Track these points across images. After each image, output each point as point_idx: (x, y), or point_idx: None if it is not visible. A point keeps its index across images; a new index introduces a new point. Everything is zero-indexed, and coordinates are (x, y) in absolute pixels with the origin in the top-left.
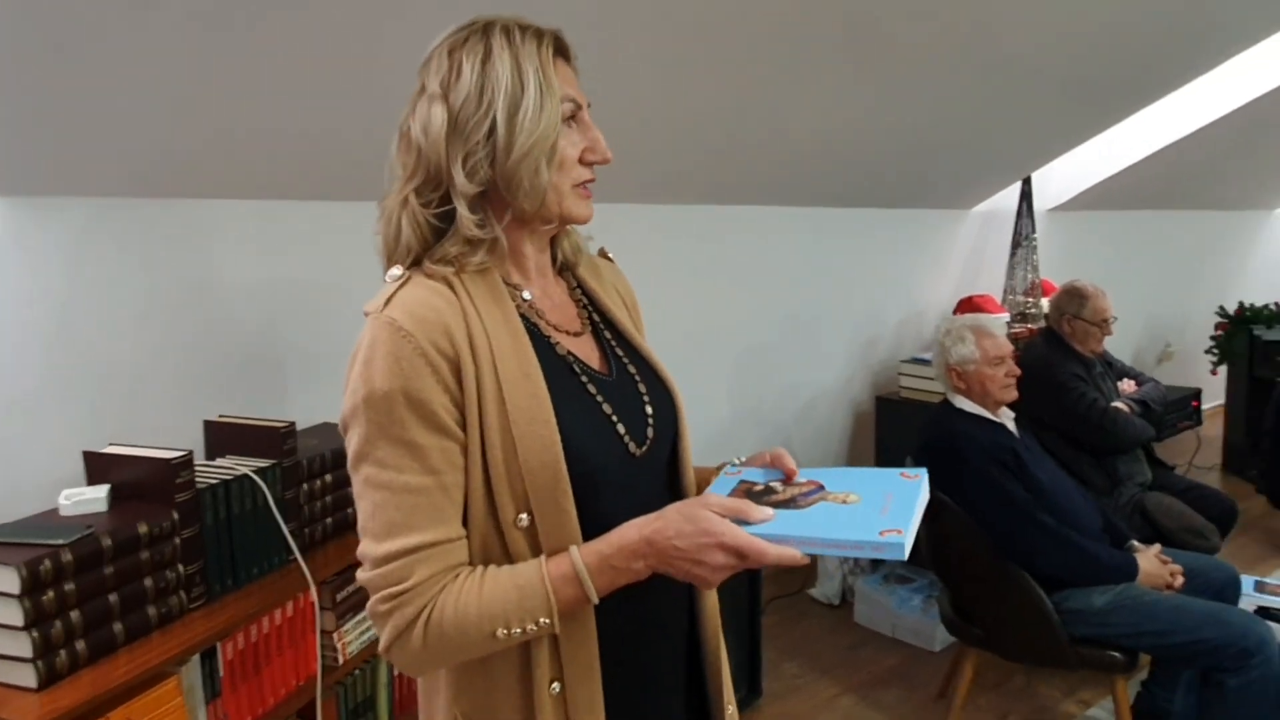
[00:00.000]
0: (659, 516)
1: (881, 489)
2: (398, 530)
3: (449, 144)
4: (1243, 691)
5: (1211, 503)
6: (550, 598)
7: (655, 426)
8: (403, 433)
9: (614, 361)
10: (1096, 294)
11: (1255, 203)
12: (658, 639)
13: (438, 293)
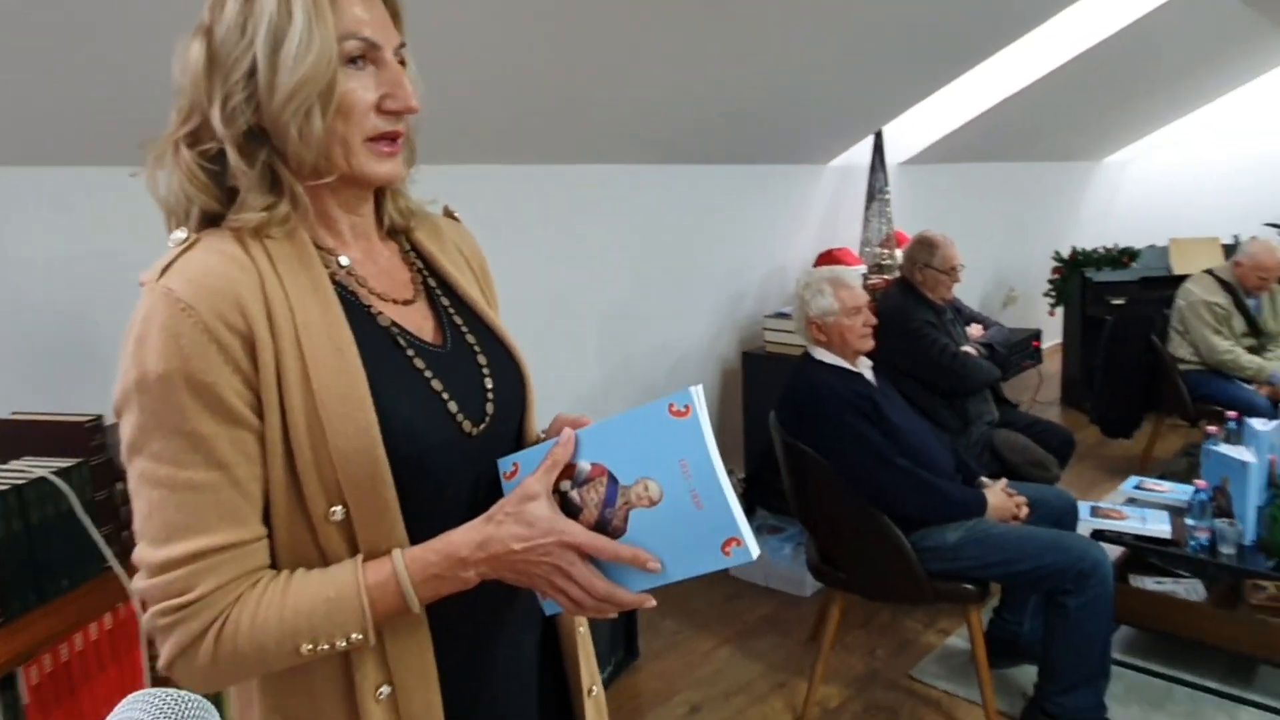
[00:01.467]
0: (490, 520)
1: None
2: (179, 533)
3: (208, 83)
4: (1082, 611)
5: (1051, 436)
6: (365, 611)
7: (496, 402)
8: (182, 422)
9: (450, 331)
10: (945, 243)
11: (1084, 154)
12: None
13: (230, 258)
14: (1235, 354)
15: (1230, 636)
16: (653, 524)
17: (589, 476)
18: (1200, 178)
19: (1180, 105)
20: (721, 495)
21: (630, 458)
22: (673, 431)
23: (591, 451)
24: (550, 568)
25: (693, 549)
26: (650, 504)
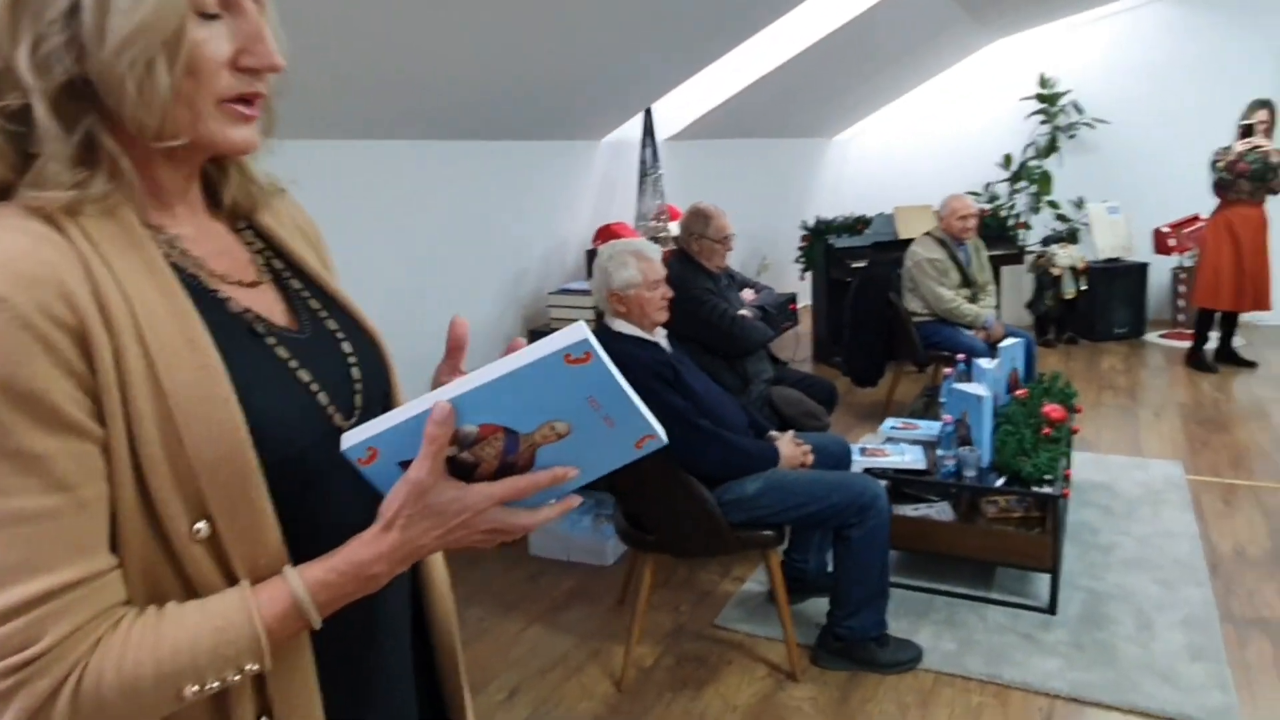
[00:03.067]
0: (390, 526)
1: (571, 396)
2: (15, 575)
3: (11, 19)
4: (864, 540)
5: (819, 388)
6: (261, 639)
7: (365, 392)
8: (6, 440)
9: (306, 316)
10: (718, 214)
11: (820, 131)
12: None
13: (42, 238)
14: (958, 303)
15: (974, 547)
16: (563, 451)
17: (478, 437)
18: (914, 152)
19: (897, 88)
20: (635, 411)
21: (527, 409)
22: (574, 377)
23: (475, 414)
24: (474, 535)
25: (606, 456)
26: (558, 438)
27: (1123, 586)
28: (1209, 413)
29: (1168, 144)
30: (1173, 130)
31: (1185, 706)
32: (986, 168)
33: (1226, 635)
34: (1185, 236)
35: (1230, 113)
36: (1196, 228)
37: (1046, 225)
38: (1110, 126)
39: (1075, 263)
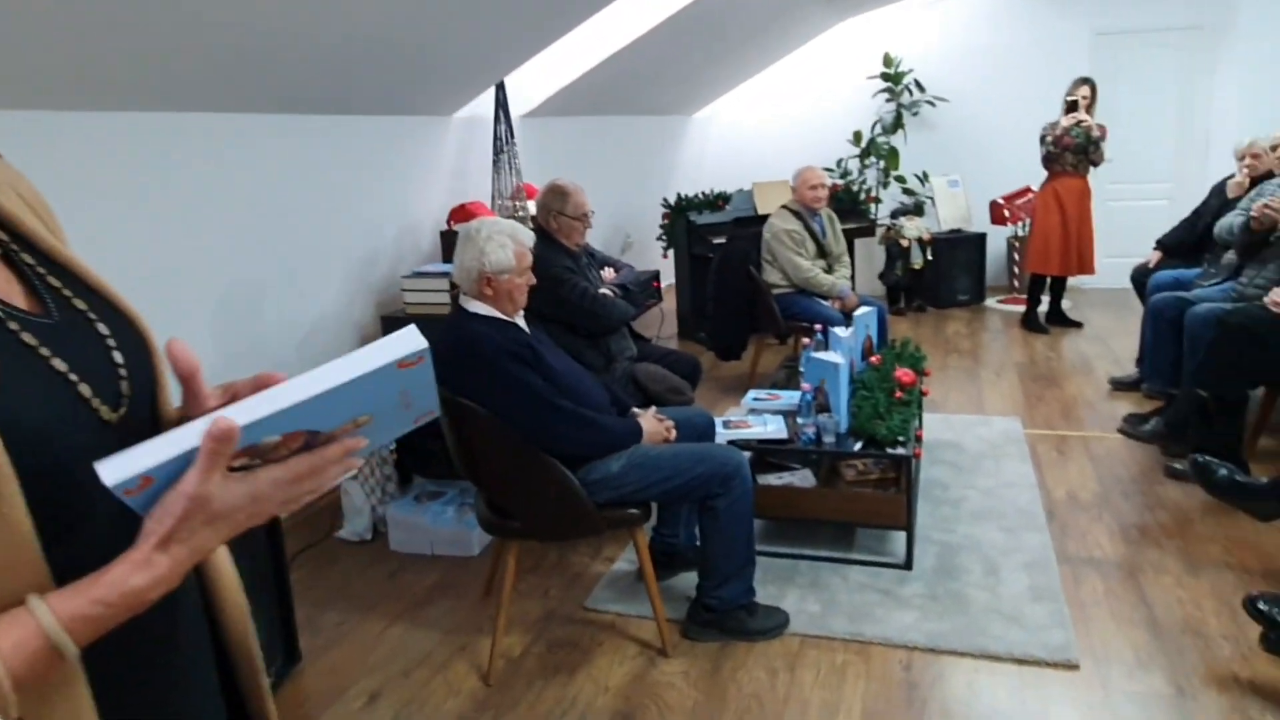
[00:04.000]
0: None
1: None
2: None
3: None
4: (730, 509)
5: (682, 364)
6: (4, 685)
7: (131, 378)
8: None
9: (49, 296)
10: (576, 191)
11: (678, 109)
12: (183, 640)
13: None
14: (815, 273)
15: (834, 510)
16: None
17: (276, 444)
18: (772, 129)
19: (751, 66)
20: (434, 394)
21: (339, 411)
22: (399, 378)
23: (282, 426)
24: (266, 516)
25: (392, 430)
26: (357, 427)
27: (971, 537)
28: (1042, 370)
29: (1000, 120)
30: (1005, 107)
31: (1030, 646)
32: (839, 144)
33: (1064, 575)
34: (1018, 207)
35: (1055, 91)
36: (1028, 199)
37: (895, 199)
38: (949, 104)
39: (921, 234)
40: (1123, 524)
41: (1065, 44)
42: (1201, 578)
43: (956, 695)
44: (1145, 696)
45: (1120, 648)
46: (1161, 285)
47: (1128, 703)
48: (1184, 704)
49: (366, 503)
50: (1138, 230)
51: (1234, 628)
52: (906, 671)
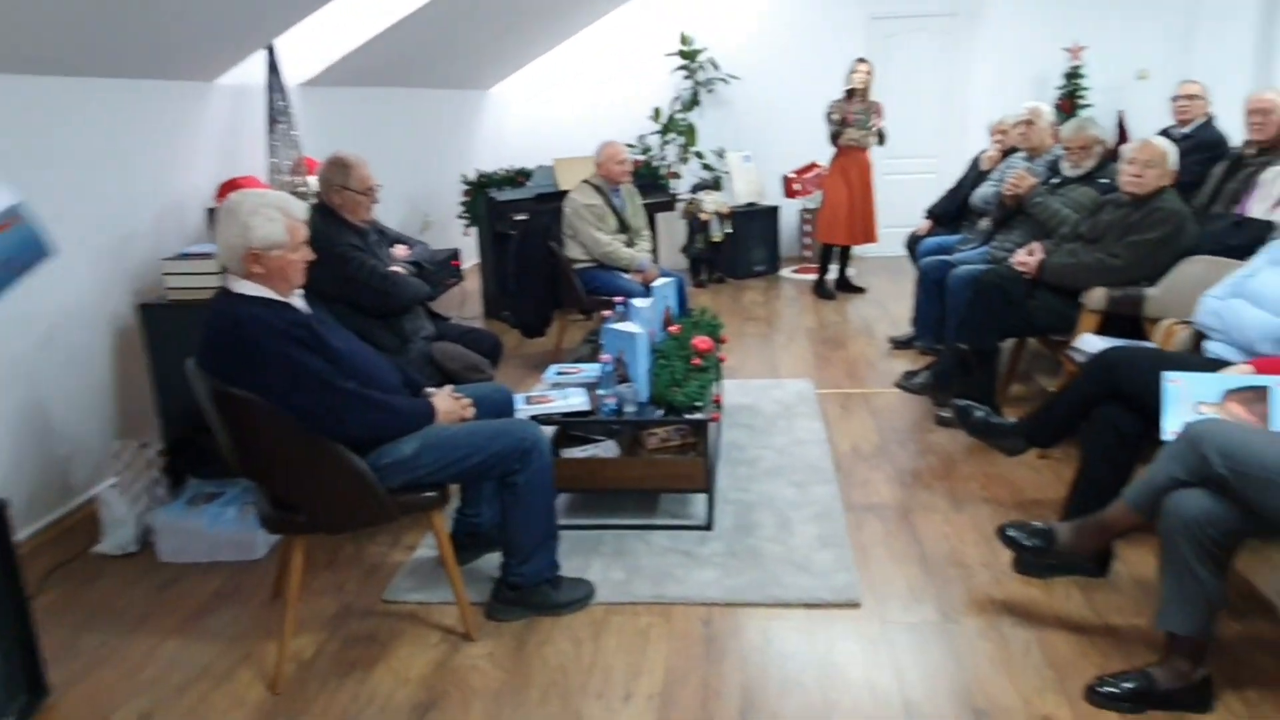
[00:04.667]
0: None
1: None
2: None
3: None
4: (530, 484)
5: (482, 341)
6: None
7: None
8: None
9: None
10: (359, 163)
11: (475, 82)
12: None
13: None
14: (615, 246)
15: (637, 478)
16: None
17: None
18: (572, 105)
19: (547, 40)
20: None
21: None
22: None
23: None
24: None
25: None
26: None
27: (766, 494)
28: (830, 334)
29: (788, 98)
30: (791, 86)
31: (818, 590)
32: (639, 120)
33: (848, 522)
34: (807, 181)
35: (835, 70)
36: (815, 173)
37: (695, 174)
38: (742, 82)
39: (720, 208)
40: (899, 470)
41: (843, 26)
42: (964, 513)
43: (752, 644)
44: (917, 625)
45: (896, 583)
46: (929, 251)
47: (902, 633)
48: (949, 628)
49: (130, 512)
50: (910, 201)
51: (991, 555)
52: (706, 627)
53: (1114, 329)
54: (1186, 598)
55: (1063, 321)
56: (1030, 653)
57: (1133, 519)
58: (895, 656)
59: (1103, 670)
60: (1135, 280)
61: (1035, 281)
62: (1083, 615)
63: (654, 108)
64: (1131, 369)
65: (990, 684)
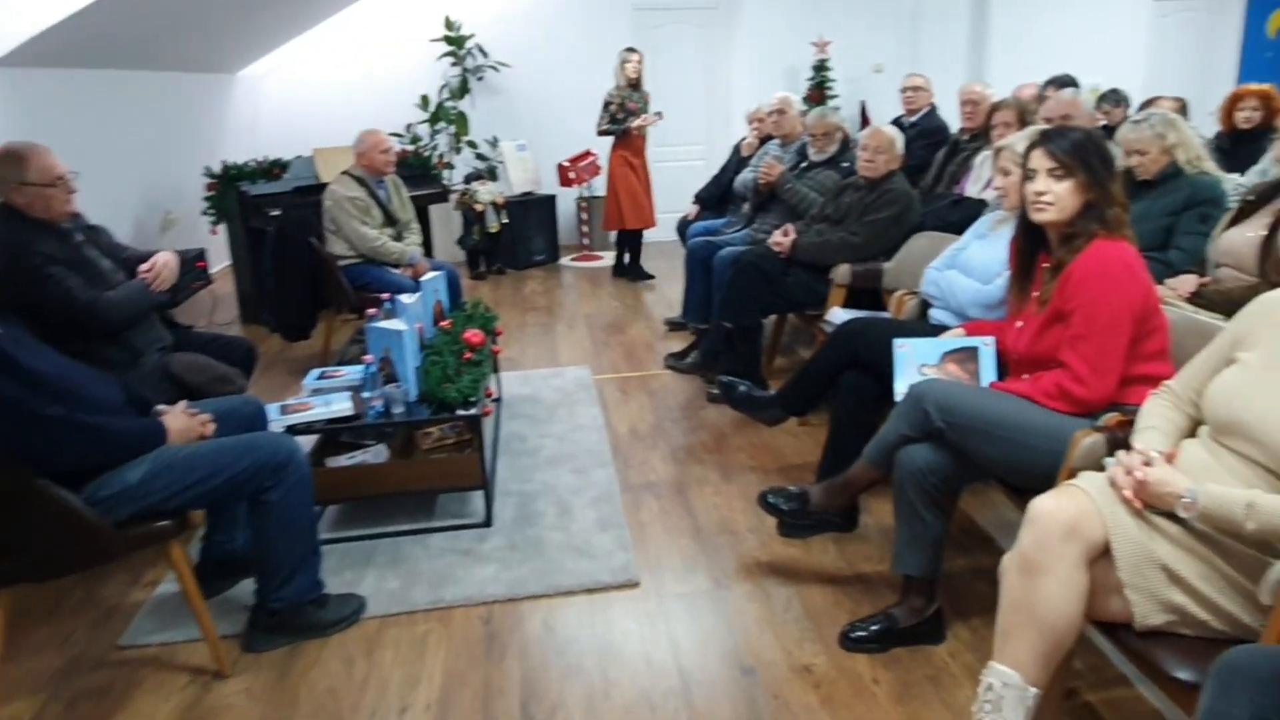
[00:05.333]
0: None
1: None
2: None
3: None
4: (284, 502)
5: (233, 349)
6: None
7: None
8: None
9: None
10: (36, 152)
11: (219, 66)
12: None
13: None
14: (382, 241)
15: (412, 480)
16: None
17: None
18: (333, 92)
19: (297, 22)
20: None
21: None
22: None
23: None
24: None
25: None
26: None
27: (547, 483)
28: (608, 319)
29: (559, 86)
30: (562, 74)
31: (597, 573)
32: (406, 109)
33: (625, 503)
34: (582, 169)
35: (604, 59)
36: (589, 161)
37: (468, 164)
38: (512, 70)
39: (495, 198)
40: (673, 448)
41: (609, 17)
42: (733, 483)
43: (534, 636)
44: (691, 595)
45: (671, 557)
46: (697, 234)
47: (677, 604)
48: (720, 594)
49: None
50: (681, 187)
51: (758, 521)
52: (487, 625)
53: (860, 302)
54: (917, 542)
55: (815, 296)
56: (791, 608)
57: (872, 475)
58: (671, 628)
59: (854, 616)
60: (874, 256)
61: (789, 260)
62: (837, 567)
63: (421, 95)
64: (867, 338)
65: (756, 642)
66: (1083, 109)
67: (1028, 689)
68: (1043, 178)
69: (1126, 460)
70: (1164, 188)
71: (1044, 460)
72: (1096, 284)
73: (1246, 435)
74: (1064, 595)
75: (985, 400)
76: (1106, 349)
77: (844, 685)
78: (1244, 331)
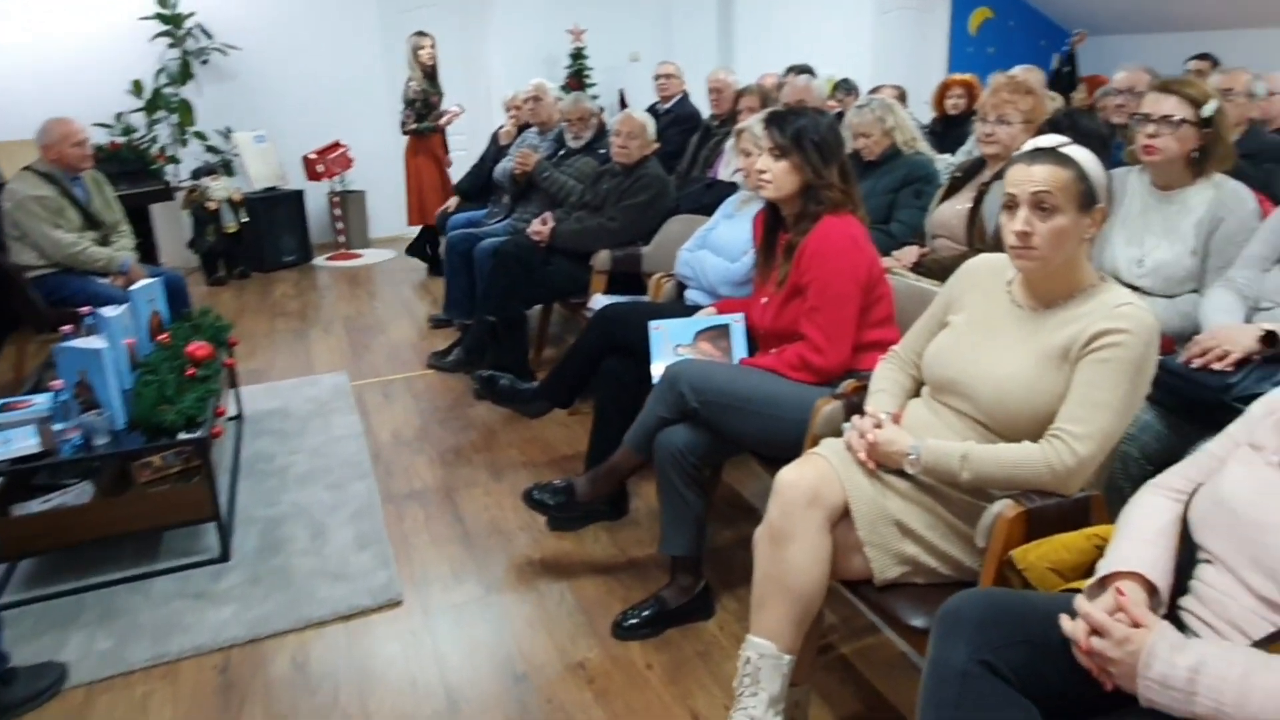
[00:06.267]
0: None
1: None
2: None
3: None
4: None
5: None
6: None
7: None
8: None
9: None
10: None
11: None
12: None
13: None
14: (83, 246)
15: (128, 520)
16: None
17: None
18: (16, 76)
19: None
20: None
21: None
22: None
23: None
24: None
25: None
26: None
27: (298, 504)
28: (369, 320)
29: (304, 73)
30: (305, 60)
31: (355, 597)
32: (116, 95)
33: (388, 515)
34: (331, 162)
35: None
36: (339, 153)
37: (197, 158)
38: (245, 54)
39: (230, 195)
40: (441, 451)
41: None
42: (504, 481)
43: (280, 678)
44: (460, 606)
45: (439, 568)
46: (458, 226)
47: (445, 617)
48: (491, 600)
49: None
50: None
51: (529, 519)
52: (223, 674)
53: (623, 287)
54: (681, 522)
55: (577, 284)
56: (564, 604)
57: (634, 460)
58: (438, 645)
59: (627, 603)
60: (633, 241)
61: (550, 249)
62: (610, 556)
63: (133, 80)
64: (625, 322)
65: (529, 645)
66: (815, 94)
67: (783, 656)
68: (765, 156)
69: (859, 424)
70: (885, 167)
71: (792, 430)
72: (826, 258)
73: (958, 391)
74: (810, 560)
75: (735, 377)
76: (839, 318)
77: (618, 675)
78: (952, 296)
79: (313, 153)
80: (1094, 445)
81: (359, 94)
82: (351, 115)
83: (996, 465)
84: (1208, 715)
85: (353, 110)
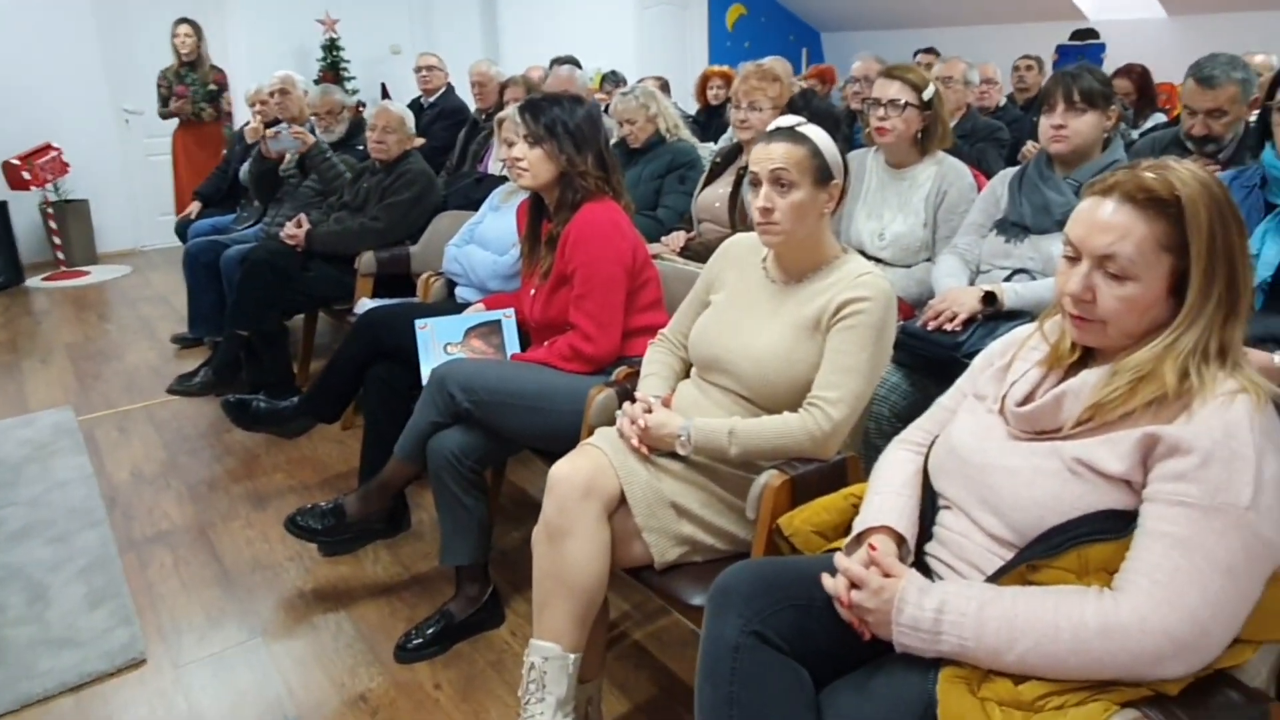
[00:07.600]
0: None
1: None
2: None
3: None
4: None
5: None
6: None
7: None
8: None
9: None
10: None
11: None
12: None
13: None
14: None
15: None
16: None
17: None
18: None
19: None
20: None
21: None
22: None
23: None
24: None
25: None
26: None
27: (11, 565)
28: (99, 346)
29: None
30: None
31: (87, 664)
32: None
33: (128, 564)
34: (41, 168)
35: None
36: (51, 157)
37: None
38: None
39: None
40: (191, 484)
41: None
42: (268, 510)
43: None
44: (219, 655)
45: (192, 616)
46: (201, 234)
47: (201, 670)
48: (255, 643)
49: None
50: None
51: (299, 548)
52: None
53: (392, 290)
54: (462, 530)
55: (341, 289)
56: (342, 634)
57: (407, 470)
58: (193, 703)
59: (412, 622)
60: (399, 240)
61: (308, 253)
62: (391, 575)
63: None
64: (390, 325)
65: (302, 685)
66: (578, 83)
67: (568, 655)
68: (520, 144)
69: (630, 410)
70: (651, 154)
71: (568, 423)
72: (588, 244)
73: (721, 368)
74: (589, 553)
75: (507, 373)
76: (607, 304)
77: (404, 702)
78: (712, 275)
79: (15, 157)
80: (846, 409)
81: (74, 90)
82: (66, 114)
83: (761, 437)
84: (953, 652)
85: (67, 109)
